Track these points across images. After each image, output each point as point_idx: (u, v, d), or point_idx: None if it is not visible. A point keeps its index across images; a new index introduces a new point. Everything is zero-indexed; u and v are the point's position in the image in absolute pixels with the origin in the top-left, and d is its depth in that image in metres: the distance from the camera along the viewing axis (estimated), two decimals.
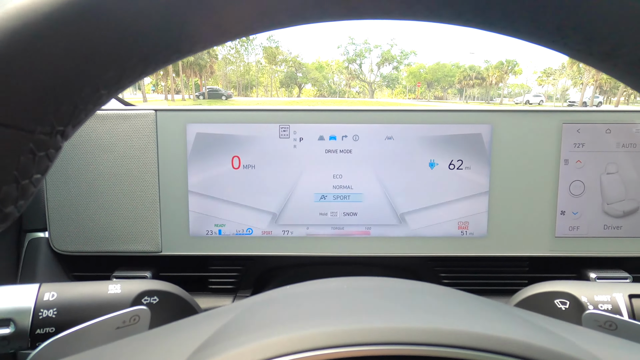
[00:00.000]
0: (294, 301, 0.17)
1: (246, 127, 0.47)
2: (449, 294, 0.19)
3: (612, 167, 0.48)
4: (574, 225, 0.48)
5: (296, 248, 0.49)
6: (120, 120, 0.47)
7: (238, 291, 0.51)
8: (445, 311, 0.16)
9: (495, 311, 0.16)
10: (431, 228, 0.49)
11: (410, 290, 0.19)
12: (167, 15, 0.13)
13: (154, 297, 0.30)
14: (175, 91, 30.35)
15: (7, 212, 0.13)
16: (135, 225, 0.47)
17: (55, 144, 0.14)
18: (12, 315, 0.27)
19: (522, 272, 0.51)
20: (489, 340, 0.13)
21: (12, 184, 0.13)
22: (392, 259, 0.51)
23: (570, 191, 0.48)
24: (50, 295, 0.28)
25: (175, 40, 0.14)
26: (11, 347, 0.27)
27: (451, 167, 0.48)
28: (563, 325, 0.18)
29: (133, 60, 0.14)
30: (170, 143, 0.47)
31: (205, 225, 0.49)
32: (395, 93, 50.51)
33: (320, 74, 51.02)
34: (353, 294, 0.17)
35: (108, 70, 0.13)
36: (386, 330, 0.13)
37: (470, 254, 0.49)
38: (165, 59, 0.15)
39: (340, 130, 0.48)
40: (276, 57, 48.30)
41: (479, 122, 0.47)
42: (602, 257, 0.49)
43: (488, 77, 40.30)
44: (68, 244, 0.47)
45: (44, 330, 0.27)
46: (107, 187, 0.47)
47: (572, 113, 0.47)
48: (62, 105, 0.13)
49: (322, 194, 0.49)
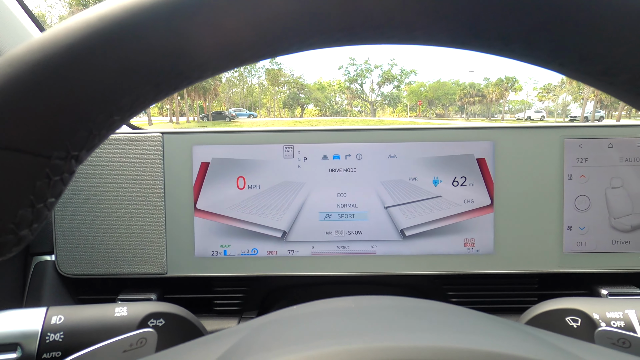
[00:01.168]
0: (300, 321, 0.17)
1: (251, 148, 0.48)
2: (458, 311, 0.19)
3: (617, 182, 0.48)
4: (581, 240, 0.48)
5: (302, 268, 0.49)
6: (127, 143, 0.47)
7: (244, 312, 0.51)
8: (455, 329, 0.15)
9: (506, 329, 0.16)
10: (437, 246, 0.49)
11: (417, 308, 0.18)
12: (178, 46, 0.14)
13: (160, 320, 0.30)
14: (180, 113, 30.87)
15: (22, 235, 0.14)
16: (141, 247, 0.47)
17: (69, 169, 0.14)
18: (19, 339, 0.27)
19: (532, 289, 0.50)
20: (501, 358, 0.13)
21: (28, 207, 0.13)
22: (399, 278, 0.50)
23: (576, 206, 0.48)
24: (58, 319, 0.28)
25: (185, 68, 0.15)
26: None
27: (455, 184, 0.48)
28: (576, 343, 0.17)
29: (146, 88, 0.14)
30: (177, 165, 0.48)
31: (211, 246, 0.49)
32: (397, 111, 51.05)
33: (322, 94, 51.84)
34: (361, 313, 0.17)
35: (122, 98, 0.14)
36: (390, 349, 0.13)
37: (477, 271, 0.48)
38: (175, 86, 0.15)
39: (344, 149, 0.48)
40: (279, 78, 49.28)
41: (480, 140, 0.48)
42: (612, 273, 0.48)
43: (488, 94, 40.72)
44: (74, 267, 0.48)
45: (51, 354, 0.27)
46: (113, 210, 0.47)
47: (573, 128, 0.47)
48: (77, 132, 0.14)
49: (326, 213, 0.49)
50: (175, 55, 0.14)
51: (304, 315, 0.18)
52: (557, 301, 0.31)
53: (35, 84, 0.12)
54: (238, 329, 0.18)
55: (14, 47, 0.13)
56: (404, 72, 51.03)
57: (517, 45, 0.15)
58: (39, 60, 0.12)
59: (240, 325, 0.19)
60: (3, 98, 0.12)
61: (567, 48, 0.14)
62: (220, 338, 0.17)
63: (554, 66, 0.15)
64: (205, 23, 0.14)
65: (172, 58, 0.14)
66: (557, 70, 0.16)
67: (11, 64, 0.13)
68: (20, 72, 0.12)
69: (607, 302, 0.30)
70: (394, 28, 0.15)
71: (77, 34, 0.13)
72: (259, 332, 0.17)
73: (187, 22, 0.13)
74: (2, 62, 0.13)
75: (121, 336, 0.25)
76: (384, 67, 50.77)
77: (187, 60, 0.14)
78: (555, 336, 0.18)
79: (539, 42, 0.14)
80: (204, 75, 0.16)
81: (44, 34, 0.13)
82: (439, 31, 0.14)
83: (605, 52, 0.14)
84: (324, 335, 0.15)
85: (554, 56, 0.14)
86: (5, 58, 0.13)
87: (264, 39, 0.14)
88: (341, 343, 0.14)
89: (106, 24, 0.13)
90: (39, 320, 0.28)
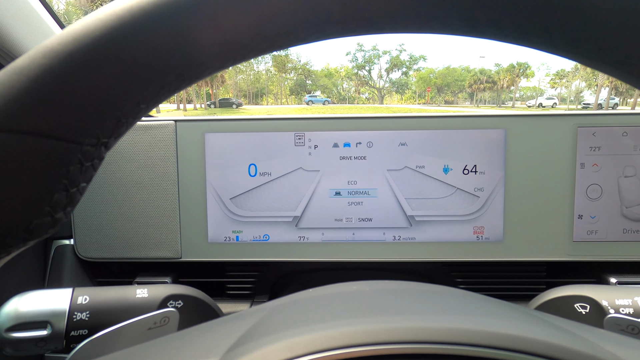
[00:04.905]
0: (319, 302, 0.18)
1: (262, 135, 0.49)
2: (469, 296, 0.19)
3: (630, 170, 0.47)
4: (592, 229, 0.48)
5: (312, 254, 0.50)
6: (141, 131, 0.48)
7: (255, 296, 0.52)
8: (468, 312, 0.16)
9: (515, 312, 0.17)
10: (446, 233, 0.49)
11: (431, 292, 0.19)
12: (199, 38, 0.14)
13: (178, 301, 0.31)
14: (187, 101, 30.89)
15: (57, 217, 0.15)
16: (156, 233, 0.49)
17: (99, 155, 0.15)
18: (49, 317, 0.28)
19: (540, 277, 0.50)
20: (512, 339, 0.13)
21: (62, 192, 0.14)
22: (408, 264, 0.51)
23: (588, 195, 0.48)
24: (83, 299, 0.29)
25: (207, 59, 0.15)
26: (47, 348, 0.28)
27: (465, 172, 0.48)
28: (585, 327, 0.18)
29: (169, 78, 0.15)
30: (189, 152, 0.48)
31: (224, 232, 0.50)
32: (405, 98, 50.38)
33: (330, 81, 51.29)
34: (376, 296, 0.18)
35: (147, 88, 0.15)
36: (408, 330, 0.14)
37: (486, 258, 0.49)
38: (197, 75, 0.16)
39: (354, 137, 0.48)
40: (285, 65, 48.82)
41: (492, 127, 0.47)
42: (622, 262, 0.48)
43: (499, 80, 39.89)
44: (92, 251, 0.49)
45: (78, 332, 0.28)
46: (129, 196, 0.48)
47: (586, 116, 0.47)
48: (106, 120, 0.14)
49: (337, 200, 0.49)
50: (197, 46, 0.14)
51: (321, 297, 0.19)
52: (565, 288, 0.32)
53: (68, 75, 0.13)
54: (259, 309, 0.19)
55: (36, 41, 0.14)
56: (413, 58, 50.12)
57: (536, 35, 0.15)
58: (72, 52, 0.13)
59: (261, 306, 0.19)
60: (38, 88, 0.13)
61: (585, 37, 0.14)
62: (242, 317, 0.18)
63: (572, 55, 0.15)
64: (224, 15, 0.14)
65: (194, 49, 0.14)
66: (575, 59, 0.16)
67: (45, 55, 0.13)
68: (54, 63, 0.13)
69: (617, 289, 0.30)
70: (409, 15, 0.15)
71: (107, 26, 0.13)
72: (279, 313, 0.17)
73: (206, 15, 0.14)
74: (36, 52, 0.13)
75: (146, 315, 0.26)
76: (392, 52, 49.91)
77: (208, 51, 0.15)
78: (564, 321, 0.18)
79: (557, 31, 0.14)
80: (224, 65, 0.16)
81: (74, 26, 0.13)
82: (456, 20, 0.15)
83: (623, 42, 0.14)
84: (341, 315, 0.16)
85: (572, 44, 0.14)
86: (38, 49, 0.13)
87: (279, 29, 0.14)
88: (357, 323, 0.14)
89: (135, 17, 0.13)
90: (67, 300, 0.29)
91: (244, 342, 0.15)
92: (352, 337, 0.13)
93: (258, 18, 0.14)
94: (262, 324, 0.16)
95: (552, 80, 42.96)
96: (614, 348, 0.15)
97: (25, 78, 0.13)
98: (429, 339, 0.13)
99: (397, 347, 0.13)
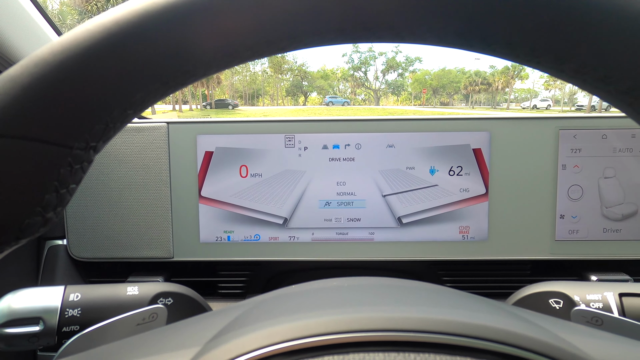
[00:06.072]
0: (298, 297, 0.19)
1: (253, 137, 0.50)
2: (444, 290, 0.20)
3: (610, 172, 0.49)
4: (573, 228, 0.49)
5: (302, 253, 0.51)
6: (134, 133, 0.49)
7: (246, 295, 0.53)
8: (434, 303, 0.17)
9: (477, 303, 0.18)
10: (433, 233, 0.50)
11: (406, 287, 0.20)
12: (182, 47, 0.15)
13: (168, 299, 0.32)
14: (183, 101, 30.77)
15: (48, 217, 0.15)
16: (148, 233, 0.50)
17: (88, 158, 0.16)
18: (41, 314, 0.29)
19: (524, 276, 0.51)
20: (461, 326, 0.14)
21: (53, 193, 0.15)
22: (395, 263, 0.52)
23: (569, 195, 0.49)
24: (75, 296, 0.30)
25: (191, 67, 0.16)
26: (40, 344, 0.29)
27: (451, 173, 0.49)
28: (548, 318, 0.19)
29: (155, 85, 0.16)
30: (181, 154, 0.49)
31: (215, 232, 0.51)
32: (401, 100, 50.56)
33: (326, 82, 51.34)
34: (353, 289, 0.19)
35: (134, 94, 0.16)
36: (378, 319, 0.15)
37: (471, 257, 0.50)
38: (183, 82, 0.17)
39: (343, 139, 0.50)
40: (282, 66, 48.82)
41: (477, 130, 0.49)
42: (603, 260, 0.50)
43: (494, 82, 40.16)
44: (85, 251, 0.50)
45: (70, 328, 0.29)
46: (121, 197, 0.49)
47: (568, 119, 0.48)
48: (95, 125, 0.15)
49: (326, 201, 0.50)
50: (181, 55, 0.15)
51: (301, 292, 0.20)
52: (543, 284, 0.33)
53: (58, 83, 0.14)
54: (243, 304, 0.20)
55: (33, 48, 0.15)
56: (409, 60, 50.35)
57: (523, 52, 0.16)
58: (62, 61, 0.14)
59: (246, 301, 0.20)
60: (30, 95, 0.14)
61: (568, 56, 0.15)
62: (225, 312, 0.19)
63: (555, 72, 0.16)
64: (207, 24, 0.15)
65: (178, 58, 0.15)
66: (558, 76, 0.17)
67: (37, 64, 0.14)
68: (45, 72, 0.14)
69: (588, 285, 0.31)
70: (386, 29, 0.16)
71: (95, 36, 0.14)
72: (260, 306, 0.19)
73: (189, 24, 0.15)
74: (28, 62, 0.14)
75: (135, 311, 0.27)
76: (388, 54, 50.12)
77: (192, 59, 0.16)
78: (531, 313, 0.19)
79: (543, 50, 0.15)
80: (209, 71, 0.17)
81: (64, 37, 0.14)
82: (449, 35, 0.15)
83: (603, 61, 0.14)
84: (318, 307, 0.17)
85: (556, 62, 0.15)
86: (30, 59, 0.14)
87: (267, 37, 0.15)
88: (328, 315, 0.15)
89: (121, 29, 0.14)
90: (59, 297, 0.30)
91: (225, 333, 0.16)
92: (324, 326, 0.14)
93: (243, 25, 0.15)
94: (244, 316, 0.17)
95: (547, 82, 43.32)
96: (573, 337, 0.16)
97: (18, 86, 0.14)
98: (396, 327, 0.14)
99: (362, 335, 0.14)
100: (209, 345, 0.15)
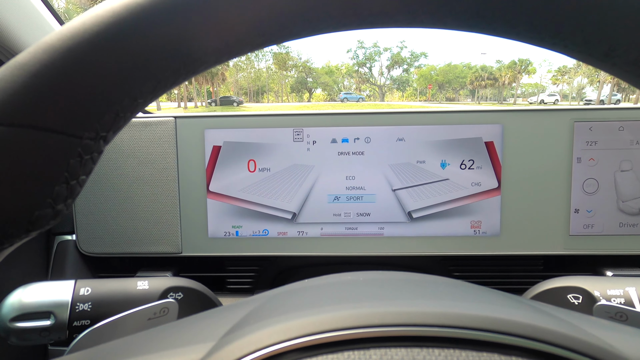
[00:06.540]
0: (313, 291, 0.18)
1: (261, 131, 0.49)
2: (464, 284, 0.20)
3: (627, 165, 0.47)
4: (588, 223, 0.48)
5: (311, 248, 0.50)
6: (142, 128, 0.49)
7: (255, 290, 0.53)
8: (456, 297, 0.17)
9: (499, 297, 0.17)
10: (444, 227, 0.49)
11: (425, 281, 0.20)
12: (193, 34, 0.15)
13: (178, 293, 0.32)
14: (188, 99, 30.89)
15: (58, 209, 0.15)
16: (156, 228, 0.49)
17: (98, 148, 0.16)
18: (52, 308, 0.29)
19: (537, 271, 0.51)
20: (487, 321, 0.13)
21: (63, 184, 0.15)
22: (405, 259, 0.52)
23: (584, 189, 0.48)
24: (85, 290, 0.30)
25: (202, 55, 0.16)
26: (51, 338, 0.29)
27: (462, 167, 0.49)
28: (573, 314, 0.18)
29: (166, 73, 0.15)
30: (189, 148, 0.49)
31: (223, 227, 0.50)
32: (406, 95, 50.27)
33: (330, 78, 51.19)
34: (370, 283, 0.18)
35: (144, 83, 0.15)
36: (400, 313, 0.14)
37: (483, 252, 0.49)
38: (194, 70, 0.16)
39: (352, 132, 0.49)
40: (286, 62, 48.72)
41: (489, 123, 0.48)
42: (618, 255, 0.48)
43: (501, 77, 39.73)
44: (94, 246, 0.50)
45: (81, 322, 0.29)
46: (129, 192, 0.49)
47: (583, 111, 0.47)
48: (105, 114, 0.15)
49: (335, 195, 0.50)
50: (192, 42, 0.15)
51: (314, 286, 0.19)
52: (559, 279, 0.32)
53: (68, 70, 0.13)
54: (255, 298, 0.19)
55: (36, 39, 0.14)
56: (414, 55, 49.96)
57: (523, 28, 0.15)
58: (71, 48, 0.13)
59: (257, 295, 0.20)
60: (39, 83, 0.13)
61: (570, 30, 0.14)
62: (238, 306, 0.18)
63: (559, 48, 0.16)
64: (221, 10, 0.14)
65: (189, 45, 0.15)
66: (562, 51, 0.16)
67: (45, 51, 0.14)
68: (54, 60, 0.13)
69: (608, 280, 0.30)
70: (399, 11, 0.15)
71: (104, 22, 0.14)
72: (273, 301, 0.18)
73: (202, 11, 0.14)
74: (37, 49, 0.14)
75: (146, 305, 0.27)
76: (393, 50, 49.76)
77: (204, 46, 0.15)
78: (553, 308, 0.19)
79: (544, 25, 0.15)
80: (220, 59, 0.17)
81: (72, 22, 0.14)
82: (443, 14, 0.15)
83: (607, 35, 0.14)
84: (330, 302, 0.16)
85: (558, 38, 0.15)
86: (39, 46, 0.14)
87: (278, 23, 0.15)
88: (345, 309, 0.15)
89: (131, 14, 0.14)
90: (69, 291, 0.30)
91: (240, 328, 0.15)
92: (343, 321, 0.14)
93: (253, 13, 0.15)
94: (258, 311, 0.17)
95: (554, 76, 42.77)
96: (600, 332, 0.15)
97: (26, 73, 0.13)
98: (417, 322, 0.14)
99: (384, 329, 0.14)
100: (224, 340, 0.15)
